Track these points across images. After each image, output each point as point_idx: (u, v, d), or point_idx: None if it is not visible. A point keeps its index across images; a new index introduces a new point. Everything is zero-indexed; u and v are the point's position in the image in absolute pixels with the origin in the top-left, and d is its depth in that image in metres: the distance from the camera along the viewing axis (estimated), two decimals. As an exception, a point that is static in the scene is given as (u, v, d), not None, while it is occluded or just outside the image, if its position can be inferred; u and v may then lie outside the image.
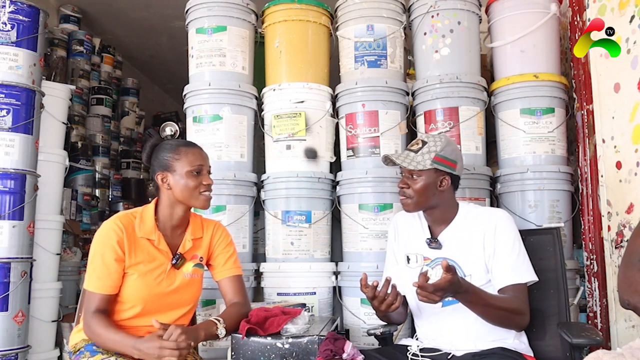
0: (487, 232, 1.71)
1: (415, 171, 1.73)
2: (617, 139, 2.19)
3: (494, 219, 1.74)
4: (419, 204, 1.76)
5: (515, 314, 1.64)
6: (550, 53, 2.56)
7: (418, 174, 1.73)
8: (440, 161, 1.73)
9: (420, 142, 1.77)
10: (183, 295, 1.79)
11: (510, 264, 1.68)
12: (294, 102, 2.53)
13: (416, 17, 2.64)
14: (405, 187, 1.75)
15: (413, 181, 1.74)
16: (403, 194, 1.76)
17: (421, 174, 1.73)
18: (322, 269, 2.45)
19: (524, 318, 1.66)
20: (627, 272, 1.43)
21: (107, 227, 1.72)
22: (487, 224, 1.72)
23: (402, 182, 1.77)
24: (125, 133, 5.68)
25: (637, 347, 1.26)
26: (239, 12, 2.62)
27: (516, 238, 1.72)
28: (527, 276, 1.69)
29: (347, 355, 1.56)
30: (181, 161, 1.76)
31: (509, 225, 1.74)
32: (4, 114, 2.48)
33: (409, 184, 1.74)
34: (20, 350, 2.45)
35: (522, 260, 1.70)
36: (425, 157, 1.72)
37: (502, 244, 1.70)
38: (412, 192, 1.74)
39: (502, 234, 1.71)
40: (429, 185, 1.73)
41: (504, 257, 1.69)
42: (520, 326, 1.68)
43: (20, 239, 2.50)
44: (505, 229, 1.72)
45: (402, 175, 1.79)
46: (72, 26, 4.88)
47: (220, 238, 1.90)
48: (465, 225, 1.77)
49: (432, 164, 1.72)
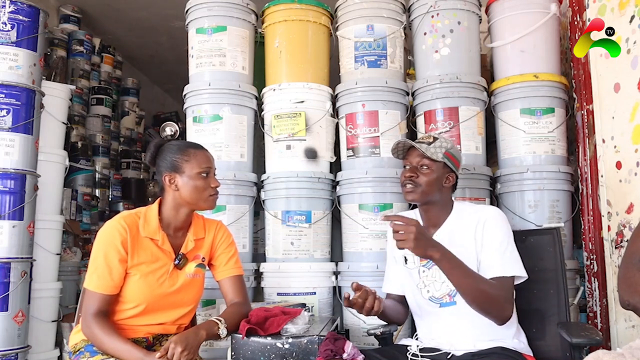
0: (477, 228, 1.72)
1: (427, 162, 1.75)
2: (617, 139, 2.19)
3: (485, 215, 1.75)
4: (424, 195, 1.76)
5: (495, 299, 1.61)
6: (550, 53, 2.56)
7: (429, 165, 1.76)
8: (450, 157, 1.78)
9: (431, 138, 1.81)
10: (185, 295, 1.79)
11: (497, 256, 1.68)
12: (294, 102, 2.53)
13: (416, 17, 2.64)
14: (415, 176, 1.76)
15: (423, 172, 1.76)
16: (411, 182, 1.76)
17: (432, 166, 1.76)
18: (322, 269, 2.45)
19: (505, 308, 1.63)
20: (627, 272, 1.43)
21: (111, 227, 1.72)
22: (478, 220, 1.73)
23: (409, 171, 1.77)
24: (125, 133, 5.68)
25: (637, 347, 1.26)
26: (239, 12, 2.62)
27: (506, 233, 1.72)
28: (514, 270, 1.68)
29: (347, 355, 1.56)
30: (190, 163, 1.76)
31: (499, 220, 1.74)
32: (4, 114, 2.48)
33: (417, 174, 1.76)
34: (20, 350, 2.45)
35: (509, 254, 1.69)
36: (437, 150, 1.76)
37: (490, 238, 1.70)
38: (421, 181, 1.75)
39: (491, 228, 1.71)
40: (437, 179, 1.76)
41: (491, 249, 1.69)
42: (501, 317, 1.63)
43: (20, 239, 2.50)
44: (494, 224, 1.72)
45: (408, 167, 1.79)
46: (72, 26, 4.88)
47: (222, 238, 1.90)
48: (458, 224, 1.77)
49: (443, 157, 1.76)
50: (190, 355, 1.55)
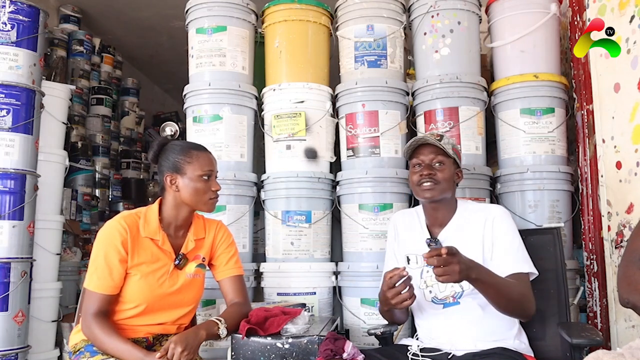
0: (486, 226, 1.72)
1: (442, 158, 1.76)
2: (617, 139, 2.19)
3: (492, 213, 1.75)
4: (443, 192, 1.76)
5: (524, 299, 1.63)
6: (550, 53, 2.56)
7: (444, 161, 1.76)
8: (457, 154, 1.81)
9: (438, 135, 1.81)
10: (185, 295, 1.79)
11: (511, 255, 1.69)
12: (294, 102, 2.53)
13: (416, 17, 2.64)
14: (433, 173, 1.75)
15: (439, 169, 1.75)
16: (431, 179, 1.74)
17: (446, 162, 1.77)
18: (322, 269, 2.45)
19: (532, 305, 1.65)
20: (627, 270, 1.43)
21: (112, 227, 1.71)
22: (485, 218, 1.74)
23: (425, 169, 1.75)
24: (125, 133, 5.68)
25: (637, 347, 1.26)
26: (239, 12, 2.62)
27: (514, 231, 1.74)
28: (529, 267, 1.69)
29: (348, 355, 1.56)
30: (193, 164, 1.76)
31: (506, 218, 1.75)
32: (4, 114, 2.48)
33: (435, 172, 1.75)
34: (20, 350, 2.45)
35: (522, 252, 1.71)
36: (447, 147, 1.77)
37: (501, 236, 1.71)
38: (441, 178, 1.74)
39: (500, 226, 1.72)
40: (451, 176, 1.78)
41: (504, 247, 1.69)
42: (529, 314, 1.65)
43: (20, 239, 2.50)
44: (502, 222, 1.73)
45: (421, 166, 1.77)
46: (72, 26, 4.88)
47: (223, 238, 1.90)
48: (463, 223, 1.78)
49: (453, 153, 1.78)
50: (190, 355, 1.55)
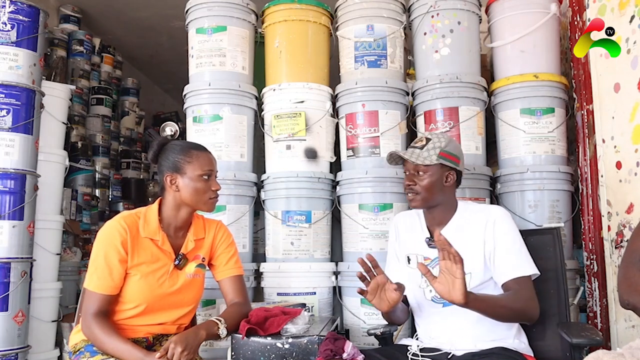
0: (487, 228, 1.72)
1: (422, 167, 1.74)
2: (617, 139, 2.19)
3: (492, 215, 1.75)
4: (426, 200, 1.76)
5: (527, 307, 1.64)
6: (550, 53, 2.56)
7: (425, 170, 1.74)
8: (446, 156, 1.75)
9: (424, 139, 1.79)
10: (185, 295, 1.79)
11: (512, 257, 1.69)
12: (294, 102, 2.53)
13: (416, 17, 2.64)
14: (412, 184, 1.75)
15: (420, 178, 1.74)
16: (411, 190, 1.76)
17: (428, 170, 1.74)
18: (322, 269, 2.45)
19: (535, 309, 1.66)
20: (627, 271, 1.43)
21: (111, 227, 1.71)
22: (486, 220, 1.73)
23: (408, 179, 1.77)
24: (125, 133, 5.68)
25: (637, 347, 1.26)
26: (239, 12, 2.62)
27: (515, 233, 1.74)
28: (530, 269, 1.70)
29: (347, 355, 1.56)
30: (193, 164, 1.76)
31: (507, 220, 1.75)
32: (4, 114, 2.48)
33: (415, 181, 1.75)
34: (20, 350, 2.45)
35: (524, 254, 1.71)
36: (431, 153, 1.74)
37: (503, 239, 1.70)
38: (419, 188, 1.74)
39: (501, 228, 1.72)
40: (436, 181, 1.75)
41: (505, 251, 1.69)
42: (534, 318, 1.67)
43: (20, 239, 2.50)
44: (503, 224, 1.73)
45: (407, 174, 1.78)
46: (72, 26, 4.88)
47: (222, 238, 1.90)
48: (463, 223, 1.77)
49: (438, 159, 1.74)
50: (190, 355, 1.56)
